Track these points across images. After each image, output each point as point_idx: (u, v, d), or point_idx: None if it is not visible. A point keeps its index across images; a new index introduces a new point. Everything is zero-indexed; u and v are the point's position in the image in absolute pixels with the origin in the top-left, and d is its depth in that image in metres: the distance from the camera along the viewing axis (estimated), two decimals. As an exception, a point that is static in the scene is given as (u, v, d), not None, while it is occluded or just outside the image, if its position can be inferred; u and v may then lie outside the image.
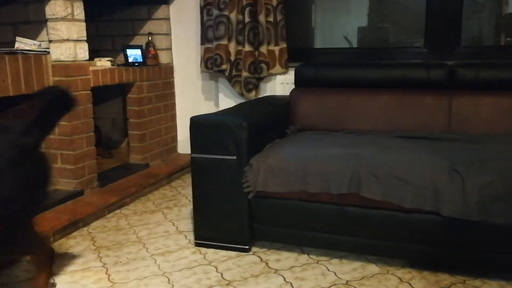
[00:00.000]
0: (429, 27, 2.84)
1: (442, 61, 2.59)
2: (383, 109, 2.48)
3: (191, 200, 2.18)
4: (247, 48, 2.99)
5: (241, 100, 3.09)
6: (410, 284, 1.79)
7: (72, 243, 2.22)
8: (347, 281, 1.83)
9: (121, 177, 3.00)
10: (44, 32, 2.59)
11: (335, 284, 1.81)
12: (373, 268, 1.93)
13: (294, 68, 2.82)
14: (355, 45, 3.21)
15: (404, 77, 2.56)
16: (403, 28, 3.15)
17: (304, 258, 2.04)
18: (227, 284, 1.82)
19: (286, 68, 3.04)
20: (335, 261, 2.00)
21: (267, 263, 2.00)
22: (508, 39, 2.94)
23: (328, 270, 1.93)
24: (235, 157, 2.05)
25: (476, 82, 2.39)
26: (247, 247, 2.10)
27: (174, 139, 3.65)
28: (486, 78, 2.38)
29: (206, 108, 3.44)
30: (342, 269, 1.93)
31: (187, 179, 3.24)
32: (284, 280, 1.85)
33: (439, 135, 2.26)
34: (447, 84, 2.45)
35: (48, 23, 2.50)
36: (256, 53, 3.03)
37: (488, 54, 2.81)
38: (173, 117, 3.61)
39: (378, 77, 2.62)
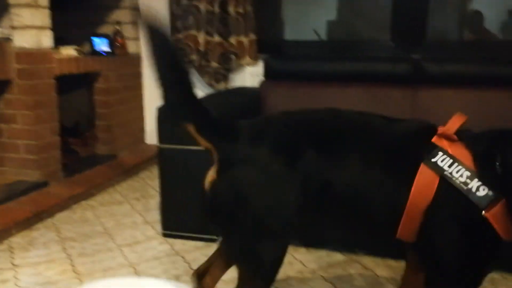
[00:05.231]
0: (395, 22, 2.88)
1: (408, 56, 2.64)
2: (351, 102, 2.50)
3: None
4: (217, 38, 2.98)
5: (210, 91, 3.07)
6: (373, 271, 1.84)
7: (35, 235, 2.18)
8: (313, 269, 1.86)
9: (88, 168, 2.95)
10: (7, 19, 2.51)
11: (301, 273, 1.84)
12: (338, 256, 1.97)
13: (264, 60, 2.82)
14: (324, 38, 3.24)
15: (372, 71, 2.59)
16: (372, 22, 3.20)
17: (271, 247, 2.06)
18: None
19: (255, 60, 3.04)
20: (301, 250, 2.03)
21: (234, 253, 2.01)
22: (472, 35, 3.02)
23: (295, 259, 1.95)
24: (201, 147, 2.04)
25: (440, 76, 2.45)
26: (215, 237, 2.11)
27: (143, 130, 3.61)
28: (450, 73, 2.44)
29: (175, 99, 3.40)
30: (308, 257, 1.96)
31: (156, 170, 3.21)
32: (252, 269, 1.86)
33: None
34: (412, 78, 2.50)
35: (11, 9, 2.42)
36: (226, 44, 3.02)
37: (452, 49, 2.88)
38: (141, 108, 3.56)
39: (346, 70, 2.65)
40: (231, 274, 1.81)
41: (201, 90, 3.18)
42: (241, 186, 1.15)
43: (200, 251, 2.02)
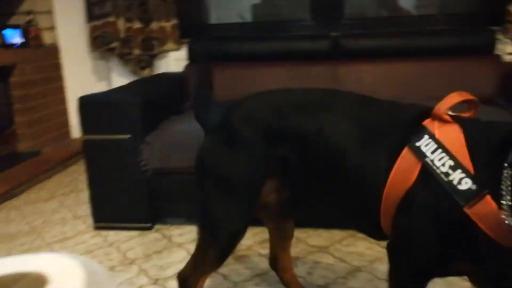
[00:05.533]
0: (315, 1, 2.94)
1: (327, 33, 2.71)
2: (275, 80, 2.56)
3: (88, 184, 2.10)
4: (137, 24, 2.90)
5: (135, 78, 3.00)
6: (306, 242, 1.91)
7: (-45, 241, 2.05)
8: (249, 246, 1.90)
9: (9, 166, 2.79)
10: None
11: (238, 250, 1.87)
12: (272, 232, 2.02)
13: (188, 44, 2.80)
14: (249, 20, 3.25)
15: (294, 49, 2.66)
16: (293, 2, 3.25)
17: (207, 229, 2.08)
18: (130, 263, 1.81)
19: (179, 44, 3.00)
20: (236, 229, 2.06)
21: (170, 239, 2.00)
22: (387, 11, 3.16)
23: (230, 238, 1.98)
24: (129, 136, 2.01)
25: (357, 51, 2.56)
26: (149, 225, 2.09)
27: (67, 123, 3.47)
28: (366, 48, 2.56)
29: (99, 89, 3.29)
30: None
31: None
32: (188, 253, 1.87)
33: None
34: (331, 54, 2.59)
35: None
36: (147, 29, 2.95)
37: (369, 25, 2.99)
38: (63, 100, 3.42)
39: (270, 50, 2.70)
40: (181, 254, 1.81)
41: (125, 78, 3.10)
42: (205, 154, 1.20)
43: (134, 240, 2.00)
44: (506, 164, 0.87)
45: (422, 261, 0.98)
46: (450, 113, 0.98)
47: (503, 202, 0.86)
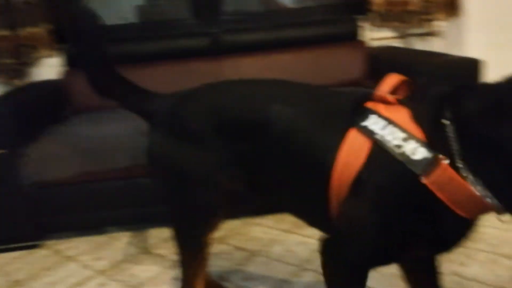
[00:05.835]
0: (195, 0, 2.96)
1: (207, 30, 2.74)
2: (160, 81, 2.52)
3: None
4: (4, 32, 2.70)
5: (8, 89, 2.79)
6: (202, 236, 1.94)
7: None
8: (146, 248, 1.89)
9: None
10: None
11: (132, 255, 1.85)
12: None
13: (65, 50, 2.68)
14: (131, 22, 3.18)
15: (176, 48, 2.66)
16: (175, 2, 3.25)
17: (101, 238, 2.01)
18: (17, 285, 1.70)
19: (55, 50, 2.85)
20: (128, 234, 2.03)
21: (61, 253, 1.91)
22: (263, 6, 3.27)
23: (126, 243, 1.95)
24: (4, 150, 1.88)
25: (237, 46, 2.62)
26: (36, 243, 1.97)
27: None
28: (245, 42, 2.64)
29: (-31, 104, 3.01)
30: (135, 239, 1.97)
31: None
32: (81, 264, 1.81)
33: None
34: (213, 51, 2.63)
35: None
36: (16, 37, 2.76)
37: (249, 20, 3.07)
38: None
39: (153, 50, 2.67)
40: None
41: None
42: (158, 149, 1.18)
43: (21, 261, 1.87)
44: (445, 121, 0.87)
45: (371, 246, 0.94)
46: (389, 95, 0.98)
47: (457, 161, 0.85)
